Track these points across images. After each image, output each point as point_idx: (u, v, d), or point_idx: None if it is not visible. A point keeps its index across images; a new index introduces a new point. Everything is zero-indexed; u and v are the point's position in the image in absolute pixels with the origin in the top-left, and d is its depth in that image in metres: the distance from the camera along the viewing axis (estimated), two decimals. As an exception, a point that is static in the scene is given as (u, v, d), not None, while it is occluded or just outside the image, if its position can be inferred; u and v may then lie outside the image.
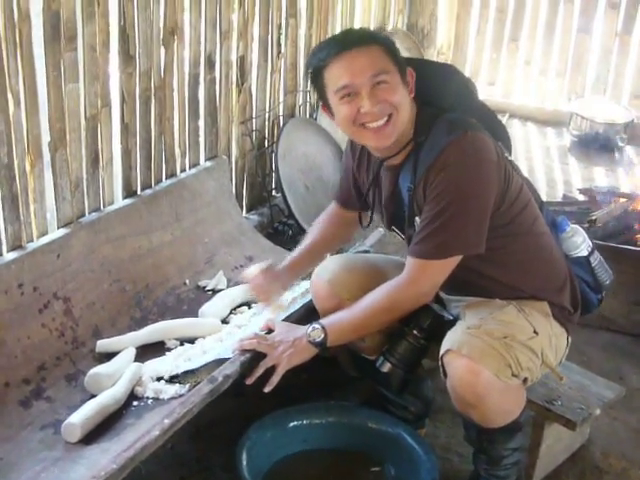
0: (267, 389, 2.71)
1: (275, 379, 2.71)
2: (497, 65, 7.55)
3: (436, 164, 2.53)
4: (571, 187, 5.83)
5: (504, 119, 7.19)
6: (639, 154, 6.75)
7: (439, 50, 7.35)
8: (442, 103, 2.64)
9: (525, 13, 7.30)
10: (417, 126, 2.63)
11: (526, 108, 7.39)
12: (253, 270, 3.05)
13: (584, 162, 6.56)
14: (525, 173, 6.02)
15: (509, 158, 2.73)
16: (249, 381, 2.71)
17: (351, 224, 3.15)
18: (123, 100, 3.46)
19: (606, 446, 3.33)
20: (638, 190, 5.27)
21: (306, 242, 3.15)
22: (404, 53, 6.00)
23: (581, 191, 5.25)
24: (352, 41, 2.55)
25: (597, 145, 6.68)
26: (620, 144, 6.71)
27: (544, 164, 6.52)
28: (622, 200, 4.80)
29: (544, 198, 5.47)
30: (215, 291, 3.51)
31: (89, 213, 3.36)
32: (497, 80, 7.58)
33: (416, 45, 6.52)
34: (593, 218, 4.37)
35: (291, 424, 2.99)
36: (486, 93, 7.52)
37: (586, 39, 7.14)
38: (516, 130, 7.17)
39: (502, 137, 2.77)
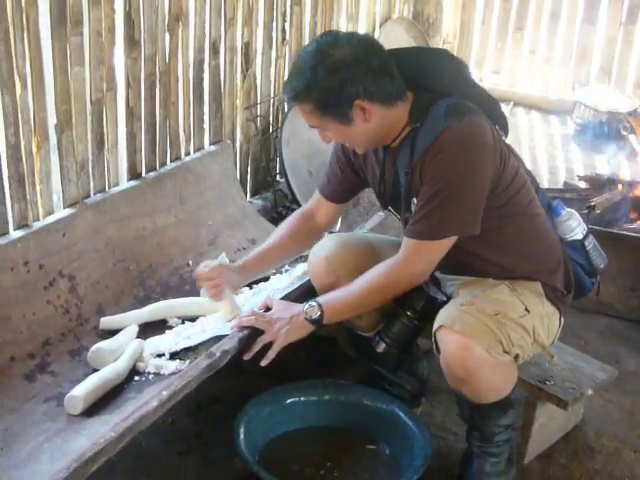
0: (263, 363, 2.76)
1: (271, 354, 2.76)
2: (502, 54, 7.58)
3: (433, 148, 2.58)
4: (573, 175, 5.85)
5: (509, 107, 7.23)
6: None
7: (445, 39, 7.36)
8: (438, 87, 2.68)
9: (530, 3, 7.33)
10: (413, 112, 2.67)
11: (531, 97, 7.41)
12: (206, 266, 3.06)
13: (587, 150, 6.59)
14: (528, 160, 6.14)
15: (505, 141, 2.77)
16: (246, 356, 2.76)
17: (322, 224, 3.16)
18: (128, 84, 3.51)
19: (599, 427, 3.39)
20: (638, 178, 5.32)
21: (264, 245, 3.15)
22: (410, 42, 6.09)
23: (581, 178, 5.29)
24: (289, 98, 2.69)
25: (600, 133, 6.71)
26: (623, 132, 6.74)
27: (547, 152, 6.56)
28: (622, 187, 4.84)
29: (546, 185, 5.58)
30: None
31: (94, 194, 3.41)
32: (502, 69, 7.60)
33: (422, 34, 6.54)
34: (592, 204, 4.42)
35: (288, 401, 3.06)
36: (491, 82, 7.57)
37: (591, 29, 7.17)
38: (520, 118, 7.20)
39: (498, 120, 2.79)
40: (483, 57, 7.65)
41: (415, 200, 2.69)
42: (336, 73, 2.53)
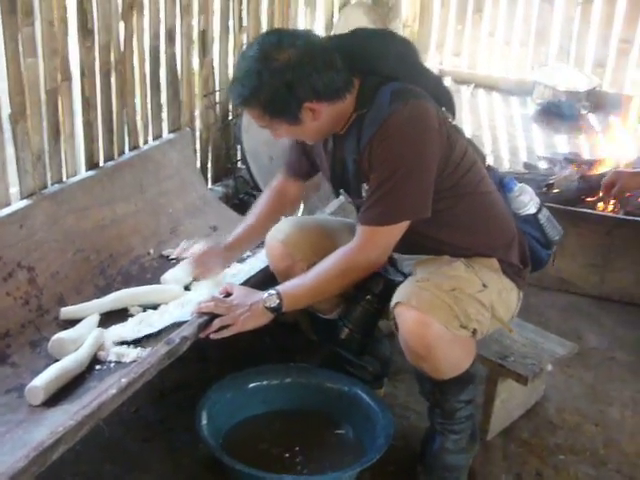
0: (213, 336, 2.75)
1: (226, 333, 2.75)
2: (462, 36, 7.64)
3: (379, 134, 2.59)
4: (533, 155, 5.90)
5: (469, 89, 7.27)
6: (601, 121, 6.83)
7: (404, 22, 7.39)
8: (383, 71, 2.69)
9: (489, -16, 7.36)
10: (360, 98, 2.68)
11: (491, 78, 7.47)
12: (196, 247, 3.12)
13: (547, 130, 6.66)
14: (489, 142, 6.18)
15: (452, 123, 2.78)
16: (203, 334, 2.75)
17: (294, 199, 3.24)
18: (83, 74, 3.49)
19: (561, 402, 3.44)
20: (596, 156, 5.37)
21: (249, 219, 3.22)
22: (369, 26, 6.05)
23: (541, 158, 5.33)
24: (236, 103, 2.74)
25: (560, 113, 6.76)
26: (582, 111, 6.79)
27: (507, 132, 6.61)
28: (580, 166, 4.90)
29: (506, 165, 5.62)
30: (179, 260, 3.53)
31: (52, 185, 3.39)
32: (462, 51, 7.66)
33: (381, 18, 6.55)
34: (550, 182, 4.47)
35: (250, 385, 3.08)
36: (452, 64, 7.64)
37: (549, 9, 7.23)
38: (481, 100, 7.26)
39: (446, 102, 2.81)
40: (443, 40, 7.71)
41: (365, 186, 2.71)
42: (282, 77, 2.53)
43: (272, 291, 2.78)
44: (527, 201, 2.96)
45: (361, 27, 2.88)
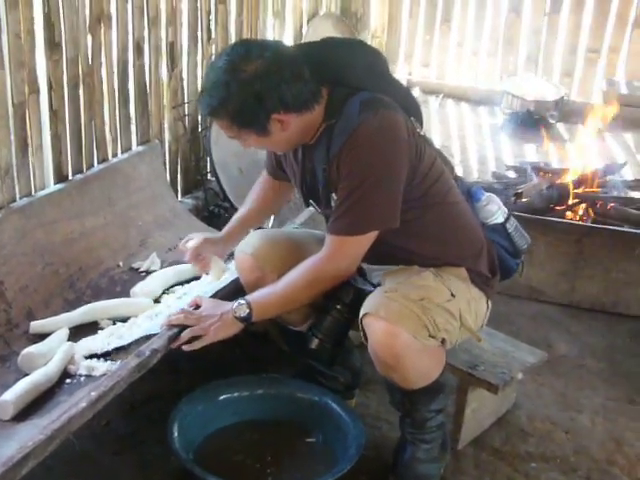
0: (187, 348, 2.75)
1: (197, 344, 2.75)
2: (430, 47, 7.69)
3: (348, 143, 2.60)
4: (502, 164, 5.94)
5: (438, 100, 7.31)
6: (569, 130, 6.88)
7: (373, 34, 7.44)
8: (351, 81, 2.70)
9: (456, -6, 7.42)
10: (329, 108, 2.69)
11: (460, 88, 7.53)
12: (191, 241, 3.14)
13: (515, 139, 6.71)
14: (458, 152, 6.21)
15: (421, 133, 2.79)
16: (174, 345, 2.74)
17: (283, 191, 3.26)
18: (51, 87, 3.48)
19: (532, 410, 3.45)
20: (564, 165, 5.42)
21: (242, 210, 3.26)
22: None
23: (509, 167, 5.37)
24: (205, 113, 2.77)
25: (528, 122, 6.81)
26: (551, 121, 6.84)
27: (476, 142, 6.65)
28: (549, 174, 4.93)
29: (475, 175, 5.66)
30: (149, 272, 3.54)
31: (20, 198, 3.38)
32: (431, 62, 7.70)
33: (350, 29, 6.59)
34: (519, 192, 4.50)
35: (222, 397, 3.07)
36: (420, 75, 7.68)
37: (516, 19, 7.29)
38: (450, 110, 7.29)
39: (414, 112, 2.82)
40: (412, 50, 7.76)
41: (334, 195, 2.72)
42: (250, 88, 2.54)
43: (242, 301, 2.78)
44: (495, 210, 2.98)
45: (331, 36, 2.89)
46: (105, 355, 2.90)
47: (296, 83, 2.58)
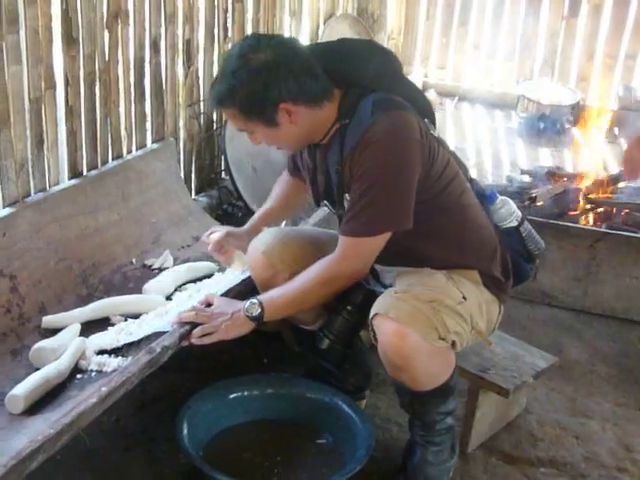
0: (195, 341, 2.75)
1: (207, 340, 2.75)
2: (447, 49, 7.67)
3: (361, 144, 2.61)
4: (517, 168, 5.92)
5: (454, 102, 7.30)
6: (584, 135, 6.84)
7: (389, 35, 7.42)
8: (364, 82, 2.70)
9: (473, -2, 7.40)
10: (342, 108, 2.69)
11: (475, 91, 7.48)
12: (214, 234, 3.16)
13: (531, 143, 6.68)
14: (473, 155, 6.20)
15: (434, 134, 2.78)
16: (185, 342, 2.75)
17: (304, 190, 3.22)
18: (67, 83, 3.48)
19: (542, 415, 3.44)
20: (579, 170, 5.40)
21: (265, 206, 3.28)
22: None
23: (524, 171, 5.35)
24: (213, 103, 2.73)
25: (544, 127, 6.78)
26: (567, 125, 6.82)
27: (491, 146, 6.63)
28: (564, 179, 4.91)
29: (490, 178, 5.65)
30: (161, 269, 3.55)
31: (35, 193, 3.38)
32: (447, 64, 7.69)
33: (366, 30, 6.58)
34: (533, 196, 4.49)
35: (231, 395, 3.06)
36: (436, 77, 7.66)
37: (534, 23, 7.26)
38: (465, 113, 7.27)
39: (427, 113, 2.82)
40: (428, 53, 7.74)
41: (347, 196, 2.72)
42: (258, 77, 2.55)
43: (254, 300, 2.78)
44: (509, 214, 2.97)
45: (346, 37, 2.90)
46: (116, 351, 2.90)
47: (305, 76, 2.60)
